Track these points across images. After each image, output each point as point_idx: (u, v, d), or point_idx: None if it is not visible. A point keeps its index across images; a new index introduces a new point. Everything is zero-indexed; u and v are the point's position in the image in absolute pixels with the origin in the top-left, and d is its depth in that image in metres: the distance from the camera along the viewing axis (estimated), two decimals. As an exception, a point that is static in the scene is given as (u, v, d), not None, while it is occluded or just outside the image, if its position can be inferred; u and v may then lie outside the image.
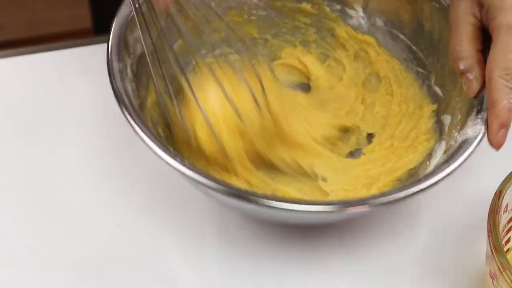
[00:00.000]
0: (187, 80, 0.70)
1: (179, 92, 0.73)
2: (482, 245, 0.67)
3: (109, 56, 0.70)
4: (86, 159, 0.77)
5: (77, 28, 1.44)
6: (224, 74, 0.73)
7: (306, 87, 0.82)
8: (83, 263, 0.70)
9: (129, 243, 0.72)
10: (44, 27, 1.48)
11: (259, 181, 0.73)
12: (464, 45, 0.67)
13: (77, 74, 0.83)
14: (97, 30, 1.16)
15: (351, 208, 0.63)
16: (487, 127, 0.66)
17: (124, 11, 0.73)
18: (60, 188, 0.75)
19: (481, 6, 0.66)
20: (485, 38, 0.67)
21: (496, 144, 0.65)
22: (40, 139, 0.78)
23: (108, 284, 0.70)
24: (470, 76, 0.66)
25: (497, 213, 0.61)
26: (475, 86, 0.67)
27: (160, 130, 0.72)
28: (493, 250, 0.59)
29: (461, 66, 0.67)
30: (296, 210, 0.62)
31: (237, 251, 0.71)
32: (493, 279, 0.61)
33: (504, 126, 0.65)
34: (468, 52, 0.66)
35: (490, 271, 0.61)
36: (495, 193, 0.63)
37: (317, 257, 0.72)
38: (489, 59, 0.65)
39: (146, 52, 0.70)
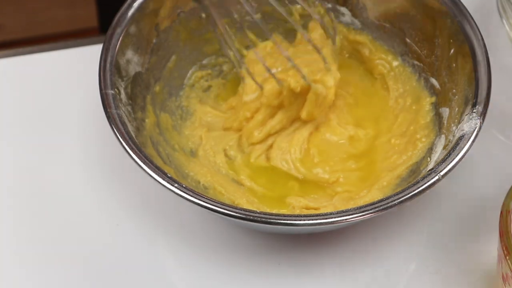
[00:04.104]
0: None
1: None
2: (485, 248, 0.67)
3: (101, 85, 0.69)
4: (86, 158, 0.77)
5: (77, 28, 1.44)
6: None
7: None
8: (83, 262, 0.70)
9: (129, 243, 0.71)
10: (44, 27, 1.48)
11: (262, 190, 0.73)
12: None
13: (77, 74, 0.82)
14: (103, 29, 1.15)
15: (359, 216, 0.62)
16: None
17: (113, 34, 0.72)
18: (60, 187, 0.75)
19: None
20: None
21: None
22: (40, 138, 0.78)
23: (108, 283, 0.69)
24: None
25: (508, 214, 0.59)
26: None
27: (160, 149, 0.72)
28: (505, 252, 0.57)
29: None
30: (302, 225, 0.62)
31: (230, 258, 0.71)
32: (505, 281, 0.59)
33: None
34: None
35: (502, 273, 0.59)
36: (506, 196, 0.60)
37: (311, 264, 0.71)
38: None
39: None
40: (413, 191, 0.63)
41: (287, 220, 0.62)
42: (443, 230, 0.72)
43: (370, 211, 0.63)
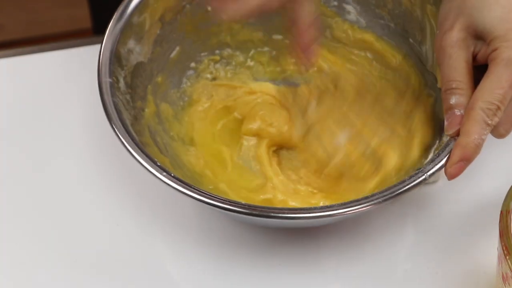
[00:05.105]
0: None
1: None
2: (485, 248, 0.68)
3: (99, 72, 0.70)
4: (86, 158, 0.76)
5: (77, 28, 1.45)
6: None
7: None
8: (83, 263, 0.70)
9: (128, 243, 0.71)
10: (44, 27, 1.48)
11: (280, 183, 0.73)
12: (461, 81, 0.63)
13: (77, 74, 0.82)
14: (96, 30, 1.15)
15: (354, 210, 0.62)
16: (450, 153, 0.63)
17: (116, 24, 0.72)
18: (59, 187, 0.75)
19: (477, 38, 0.63)
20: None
21: (450, 174, 0.62)
22: (40, 139, 0.78)
23: (108, 283, 0.69)
24: (458, 112, 0.63)
25: (508, 214, 0.59)
26: (459, 123, 0.63)
27: (158, 138, 0.72)
28: (505, 252, 0.57)
29: (452, 101, 0.63)
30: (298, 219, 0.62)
31: (229, 253, 0.71)
32: (505, 281, 0.58)
33: (465, 160, 0.62)
34: (464, 90, 0.63)
35: (502, 273, 0.59)
36: (506, 196, 0.60)
37: (308, 258, 0.70)
38: (478, 87, 0.62)
39: None
40: (400, 189, 0.63)
41: (281, 213, 0.63)
42: (442, 229, 0.72)
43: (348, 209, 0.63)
